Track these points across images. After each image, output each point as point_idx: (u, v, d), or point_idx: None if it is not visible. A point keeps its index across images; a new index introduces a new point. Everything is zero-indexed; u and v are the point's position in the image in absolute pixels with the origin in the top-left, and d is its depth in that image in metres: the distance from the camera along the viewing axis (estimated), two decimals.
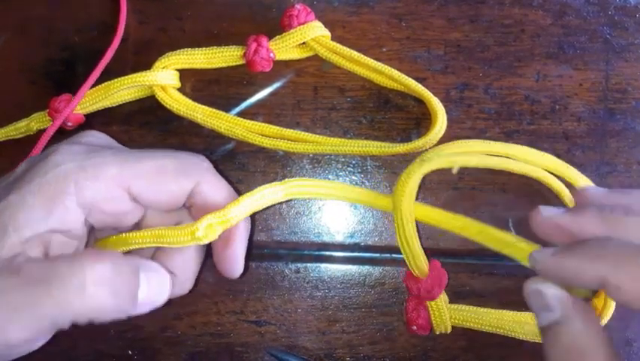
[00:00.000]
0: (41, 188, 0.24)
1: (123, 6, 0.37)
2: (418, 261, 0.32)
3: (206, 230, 0.26)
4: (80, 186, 0.25)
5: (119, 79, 0.35)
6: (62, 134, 0.37)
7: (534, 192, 0.36)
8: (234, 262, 0.28)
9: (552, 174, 0.34)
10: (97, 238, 0.30)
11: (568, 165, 0.34)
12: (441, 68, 0.37)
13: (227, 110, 0.37)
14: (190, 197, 0.28)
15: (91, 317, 0.24)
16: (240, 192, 0.36)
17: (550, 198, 0.35)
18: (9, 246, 0.24)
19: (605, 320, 0.33)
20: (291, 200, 0.37)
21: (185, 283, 0.29)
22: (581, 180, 0.34)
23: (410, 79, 0.35)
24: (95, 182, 0.25)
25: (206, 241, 0.26)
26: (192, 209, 0.28)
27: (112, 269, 0.24)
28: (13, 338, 0.22)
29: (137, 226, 0.30)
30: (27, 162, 0.26)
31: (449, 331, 0.34)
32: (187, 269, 0.29)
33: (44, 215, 0.24)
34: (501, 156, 0.34)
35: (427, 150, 0.35)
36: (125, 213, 0.27)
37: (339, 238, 0.37)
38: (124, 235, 0.28)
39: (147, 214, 0.29)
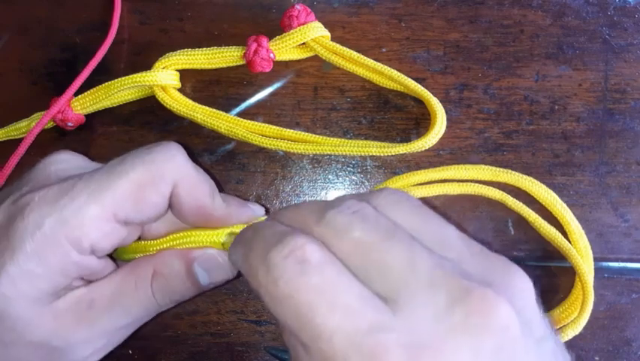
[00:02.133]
0: (40, 256, 0.23)
1: (117, 6, 0.37)
2: None
3: (230, 237, 0.27)
4: (71, 240, 0.24)
5: (120, 79, 0.35)
6: (64, 135, 0.37)
7: (531, 195, 0.36)
8: None
9: (491, 184, 0.35)
10: None
11: (504, 170, 0.35)
12: (440, 69, 0.37)
13: (227, 110, 0.37)
14: (170, 199, 0.27)
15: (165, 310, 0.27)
16: (240, 193, 0.36)
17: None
18: (49, 300, 0.24)
19: (581, 325, 0.33)
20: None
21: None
22: (522, 180, 0.35)
23: (410, 79, 0.35)
24: (83, 229, 0.24)
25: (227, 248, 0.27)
26: (173, 212, 0.28)
27: (169, 277, 0.26)
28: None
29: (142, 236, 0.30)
30: (2, 212, 0.25)
31: None
32: None
33: (60, 275, 0.24)
34: (435, 182, 0.35)
35: (426, 150, 0.35)
36: (124, 238, 0.27)
37: None
38: (143, 243, 0.28)
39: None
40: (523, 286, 0.20)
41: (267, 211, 0.28)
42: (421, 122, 0.37)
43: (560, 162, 0.36)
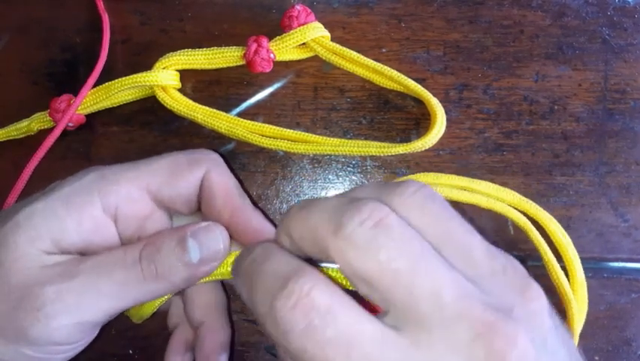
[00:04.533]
0: (69, 198, 0.25)
1: (104, 17, 0.37)
2: None
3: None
4: (103, 193, 0.26)
5: (120, 79, 0.35)
6: (64, 135, 0.37)
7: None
8: None
9: (516, 209, 0.35)
10: None
11: (528, 200, 0.35)
12: (440, 69, 0.37)
13: (227, 110, 0.37)
14: (201, 188, 0.28)
15: (154, 292, 0.26)
16: None
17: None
18: (48, 249, 0.25)
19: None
20: None
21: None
22: (542, 214, 0.35)
23: (409, 79, 0.35)
24: (116, 185, 0.26)
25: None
26: (203, 202, 0.29)
27: (161, 245, 0.26)
28: (87, 319, 0.24)
29: None
30: (56, 182, 0.27)
31: None
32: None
33: (75, 226, 0.25)
34: (466, 190, 0.35)
35: (426, 150, 0.35)
36: (148, 217, 0.28)
37: None
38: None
39: (175, 224, 0.30)
40: (540, 304, 0.20)
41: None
42: (420, 122, 0.37)
43: (560, 162, 0.36)
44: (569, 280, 0.34)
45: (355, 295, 0.20)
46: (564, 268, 0.34)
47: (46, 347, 0.24)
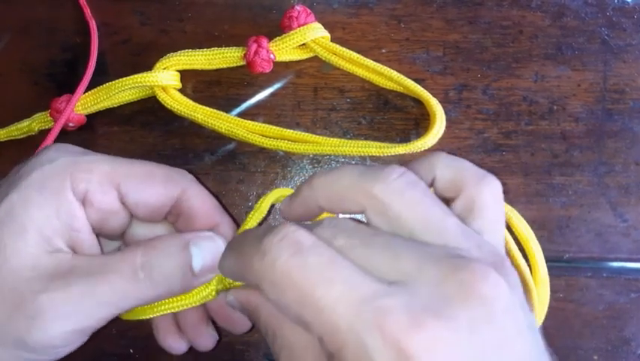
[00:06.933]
0: (43, 183, 0.24)
1: (91, 23, 0.38)
2: None
3: (221, 283, 0.27)
4: (74, 178, 0.25)
5: (121, 80, 0.35)
6: (64, 135, 0.37)
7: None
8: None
9: None
10: None
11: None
12: (440, 69, 0.37)
13: (227, 110, 0.37)
14: (177, 205, 0.28)
15: (152, 299, 0.25)
16: (240, 193, 0.36)
17: None
18: (35, 243, 0.24)
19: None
20: None
21: None
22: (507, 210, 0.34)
23: (409, 80, 0.35)
24: (89, 174, 0.25)
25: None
26: (179, 219, 0.28)
27: (162, 252, 0.25)
28: (76, 327, 0.24)
29: (122, 238, 0.30)
30: (20, 165, 0.26)
31: None
32: None
33: (54, 212, 0.24)
34: None
35: (425, 150, 0.35)
36: (112, 213, 0.27)
37: None
38: (141, 307, 0.28)
39: (133, 226, 0.29)
40: (515, 279, 0.20)
41: None
42: (420, 122, 0.37)
43: (559, 162, 0.37)
44: (532, 273, 0.33)
45: None
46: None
47: (44, 350, 0.24)
